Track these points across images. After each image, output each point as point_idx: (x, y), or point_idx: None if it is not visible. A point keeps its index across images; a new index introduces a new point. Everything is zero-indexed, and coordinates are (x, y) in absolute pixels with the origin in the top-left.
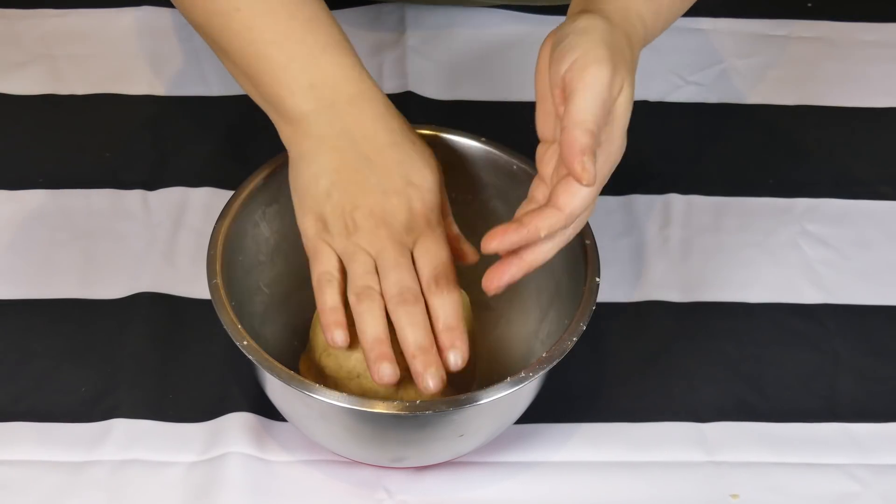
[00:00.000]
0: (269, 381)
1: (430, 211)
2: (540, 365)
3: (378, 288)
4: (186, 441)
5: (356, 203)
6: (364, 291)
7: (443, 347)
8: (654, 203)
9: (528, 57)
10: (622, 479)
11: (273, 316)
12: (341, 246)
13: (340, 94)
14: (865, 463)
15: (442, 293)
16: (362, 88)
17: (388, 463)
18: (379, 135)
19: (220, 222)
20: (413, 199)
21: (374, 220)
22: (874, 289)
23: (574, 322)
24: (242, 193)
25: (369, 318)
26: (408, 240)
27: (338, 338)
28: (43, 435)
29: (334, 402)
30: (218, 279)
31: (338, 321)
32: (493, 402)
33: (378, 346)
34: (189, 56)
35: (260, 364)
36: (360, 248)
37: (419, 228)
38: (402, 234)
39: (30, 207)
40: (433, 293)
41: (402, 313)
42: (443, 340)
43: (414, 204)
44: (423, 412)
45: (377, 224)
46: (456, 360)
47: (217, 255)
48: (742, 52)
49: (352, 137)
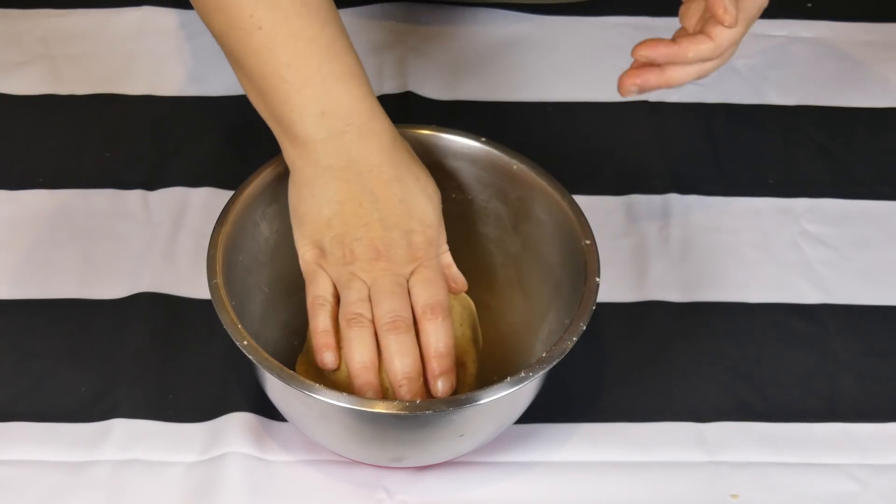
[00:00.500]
0: (269, 381)
1: (430, 245)
2: (540, 365)
3: (369, 315)
4: (186, 441)
5: (356, 235)
6: (355, 318)
7: (431, 374)
8: (654, 203)
9: (528, 57)
10: (622, 479)
11: (273, 316)
12: (336, 272)
13: (351, 126)
14: (865, 463)
15: (436, 320)
16: (372, 120)
17: (388, 463)
18: (384, 168)
19: (220, 222)
20: (414, 235)
21: (373, 252)
22: (874, 289)
23: (574, 322)
24: (242, 193)
25: (357, 346)
26: (406, 271)
27: (328, 360)
28: (43, 435)
29: (334, 401)
30: (218, 279)
31: (328, 344)
32: (493, 402)
33: (364, 373)
34: (189, 56)
35: (260, 364)
36: (355, 275)
37: (417, 262)
38: (400, 266)
39: (30, 207)
40: (427, 320)
41: (392, 340)
42: (432, 366)
43: (414, 239)
44: (423, 412)
45: (376, 256)
46: (444, 387)
47: (217, 255)
48: (742, 52)
49: (358, 170)
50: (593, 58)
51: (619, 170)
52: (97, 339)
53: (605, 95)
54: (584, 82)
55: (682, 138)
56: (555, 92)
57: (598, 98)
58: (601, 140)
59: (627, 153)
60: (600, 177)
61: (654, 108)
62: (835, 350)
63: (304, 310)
